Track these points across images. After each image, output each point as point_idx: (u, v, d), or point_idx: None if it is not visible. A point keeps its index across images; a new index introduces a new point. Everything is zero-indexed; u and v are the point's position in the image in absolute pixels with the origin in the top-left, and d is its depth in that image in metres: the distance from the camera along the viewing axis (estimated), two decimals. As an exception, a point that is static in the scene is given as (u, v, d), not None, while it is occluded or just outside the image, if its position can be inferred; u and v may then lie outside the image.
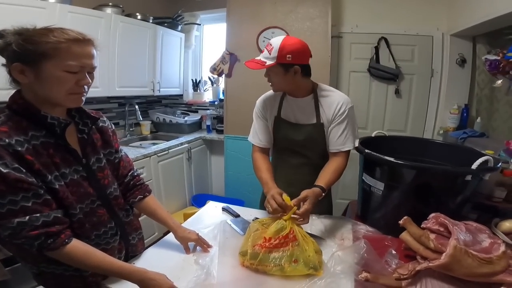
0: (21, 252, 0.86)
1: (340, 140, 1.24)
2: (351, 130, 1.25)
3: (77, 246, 0.78)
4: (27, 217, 0.71)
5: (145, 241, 2.30)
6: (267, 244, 0.91)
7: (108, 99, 2.74)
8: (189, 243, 1.05)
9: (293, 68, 1.15)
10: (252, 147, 1.38)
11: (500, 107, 2.04)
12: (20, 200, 0.70)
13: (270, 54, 1.13)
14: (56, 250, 0.75)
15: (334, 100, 1.24)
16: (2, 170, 0.67)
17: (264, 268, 0.89)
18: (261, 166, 1.28)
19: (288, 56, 1.11)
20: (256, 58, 1.18)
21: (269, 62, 1.13)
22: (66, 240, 0.76)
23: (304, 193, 1.06)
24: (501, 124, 2.02)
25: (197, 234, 1.07)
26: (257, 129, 1.36)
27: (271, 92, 1.35)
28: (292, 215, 0.97)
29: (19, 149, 0.71)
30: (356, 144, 1.27)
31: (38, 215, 0.72)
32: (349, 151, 1.26)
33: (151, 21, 2.76)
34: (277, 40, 1.13)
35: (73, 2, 2.10)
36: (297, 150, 1.33)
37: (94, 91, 2.18)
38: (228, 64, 2.64)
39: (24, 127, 0.75)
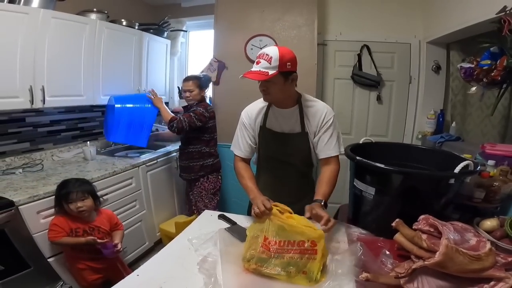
0: None
1: (328, 146, 1.30)
2: (336, 137, 1.32)
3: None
4: None
5: (136, 251, 2.31)
6: (276, 246, 0.93)
7: (91, 108, 2.66)
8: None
9: (291, 76, 1.19)
10: (235, 157, 1.42)
11: (473, 112, 2.18)
12: None
13: (270, 63, 1.12)
14: None
15: (318, 110, 1.30)
16: None
17: (269, 271, 0.91)
18: (244, 174, 1.34)
19: (288, 64, 1.14)
20: (253, 69, 1.15)
21: (271, 72, 1.12)
22: None
23: (308, 207, 1.11)
24: (474, 128, 2.15)
25: None
26: (240, 140, 1.39)
27: (255, 103, 1.37)
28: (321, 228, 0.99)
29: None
30: (342, 149, 1.34)
31: None
32: (338, 156, 1.33)
33: (136, 27, 2.72)
34: (273, 50, 1.14)
35: (56, 7, 2.04)
36: (282, 159, 1.37)
37: (77, 100, 2.11)
38: (216, 71, 2.65)
39: None
